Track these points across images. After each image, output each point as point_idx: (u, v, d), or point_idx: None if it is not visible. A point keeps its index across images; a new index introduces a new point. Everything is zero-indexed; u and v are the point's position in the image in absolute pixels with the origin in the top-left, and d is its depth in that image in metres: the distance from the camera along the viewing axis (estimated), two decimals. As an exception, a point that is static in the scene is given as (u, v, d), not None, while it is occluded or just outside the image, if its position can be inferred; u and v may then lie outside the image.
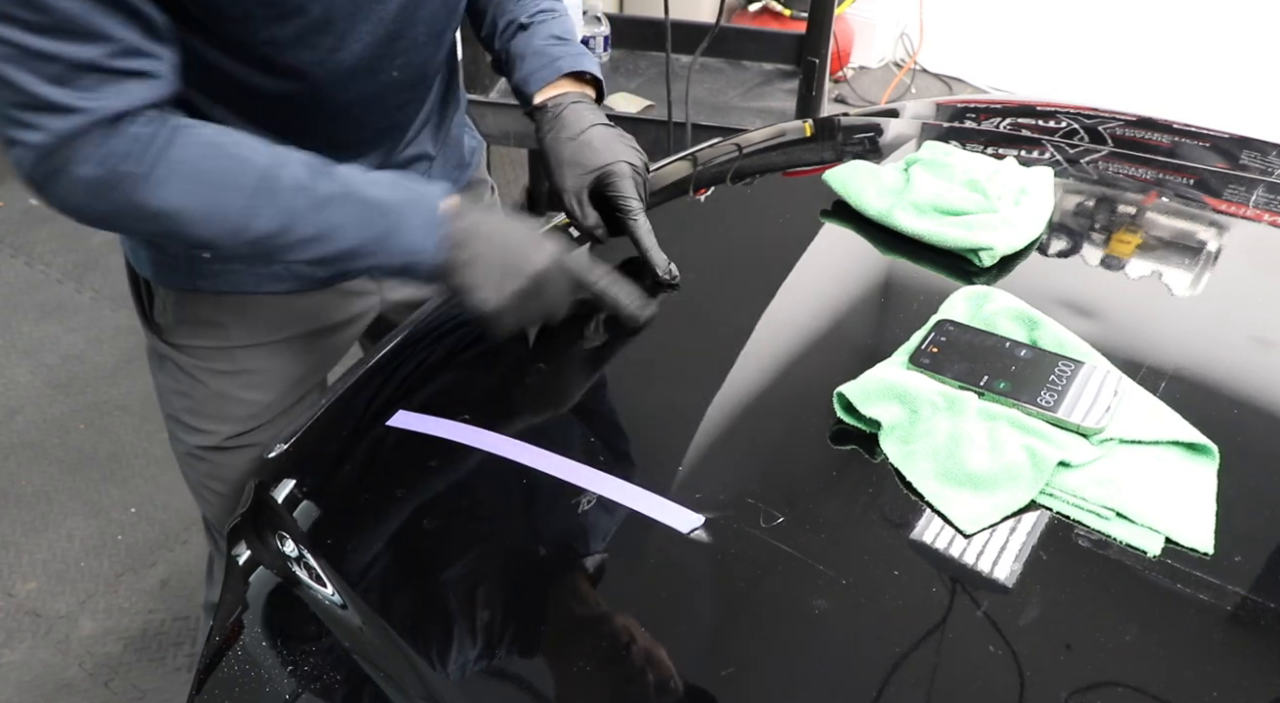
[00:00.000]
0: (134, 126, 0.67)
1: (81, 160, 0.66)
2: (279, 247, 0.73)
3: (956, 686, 0.53)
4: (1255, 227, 0.99)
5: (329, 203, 0.73)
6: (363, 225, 0.74)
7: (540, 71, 0.92)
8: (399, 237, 0.74)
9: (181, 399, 0.99)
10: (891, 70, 3.80)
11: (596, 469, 0.67)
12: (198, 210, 0.70)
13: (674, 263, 0.86)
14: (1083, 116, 1.22)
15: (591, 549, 0.64)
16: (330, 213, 0.73)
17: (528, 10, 0.96)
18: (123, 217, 0.71)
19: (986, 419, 0.68)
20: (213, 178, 0.70)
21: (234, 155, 0.71)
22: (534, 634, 0.59)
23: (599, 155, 0.87)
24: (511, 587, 0.62)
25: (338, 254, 0.74)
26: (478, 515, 0.68)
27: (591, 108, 0.91)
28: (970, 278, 0.87)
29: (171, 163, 0.68)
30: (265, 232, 0.72)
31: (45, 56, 0.63)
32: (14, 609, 1.71)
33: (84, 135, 0.65)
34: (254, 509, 0.70)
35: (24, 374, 2.23)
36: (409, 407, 0.75)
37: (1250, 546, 0.61)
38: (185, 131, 0.70)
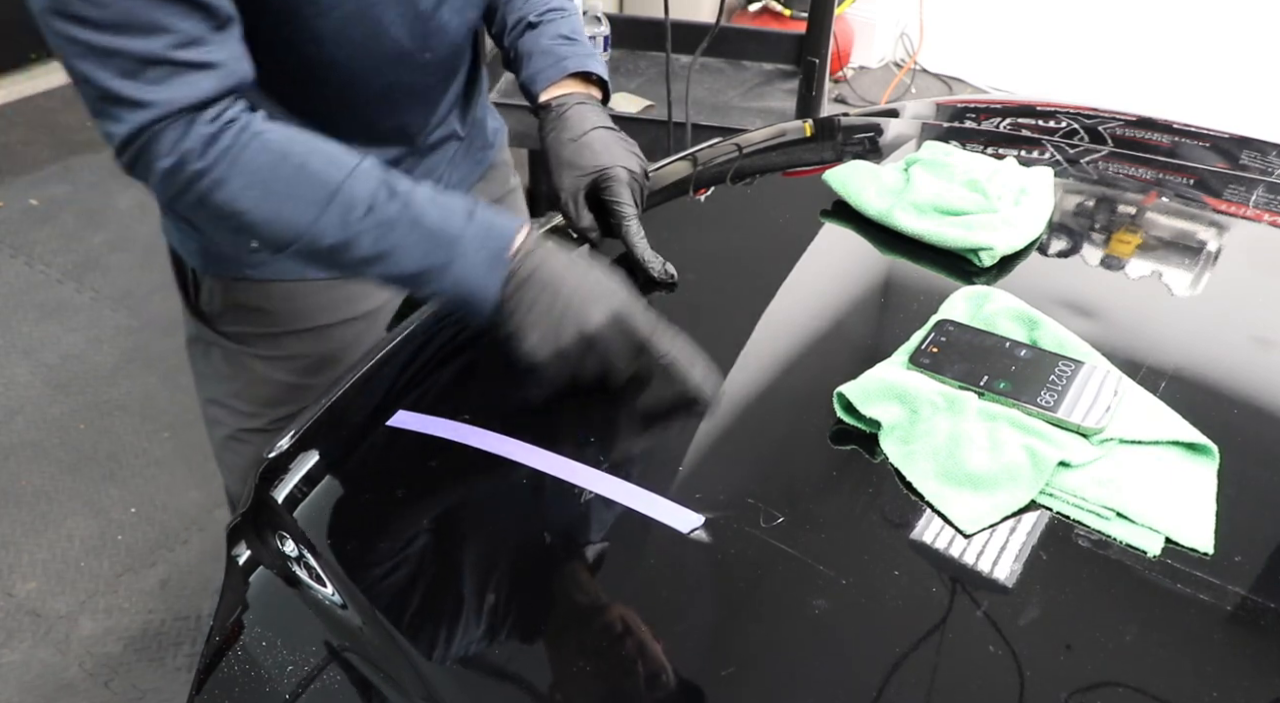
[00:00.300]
0: (207, 125, 0.69)
1: (159, 153, 0.69)
2: (341, 261, 0.74)
3: (956, 686, 0.53)
4: (1255, 227, 0.99)
5: (393, 226, 0.72)
6: (424, 253, 0.73)
7: (546, 71, 0.93)
8: (459, 269, 0.73)
9: (227, 384, 1.01)
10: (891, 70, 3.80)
11: (596, 469, 0.67)
12: (262, 215, 0.71)
13: (669, 263, 0.86)
14: (1083, 116, 1.22)
15: (592, 549, 0.64)
16: (391, 236, 0.72)
17: (537, 9, 0.97)
18: (202, 211, 0.72)
19: (986, 419, 0.68)
20: (279, 185, 0.71)
21: (303, 165, 0.72)
22: (534, 634, 0.59)
23: (598, 158, 0.87)
24: (512, 587, 0.61)
25: (396, 277, 0.75)
26: (478, 515, 0.68)
27: (595, 110, 0.92)
28: (970, 278, 0.87)
29: (238, 164, 0.70)
30: (328, 245, 0.72)
31: (112, 52, 0.66)
32: (14, 609, 1.71)
33: (160, 128, 0.68)
34: (254, 509, 0.70)
35: (24, 374, 2.23)
36: (409, 407, 0.75)
37: (1250, 546, 0.61)
38: (258, 134, 0.71)
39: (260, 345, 0.98)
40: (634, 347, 0.73)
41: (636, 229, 0.86)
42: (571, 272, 0.73)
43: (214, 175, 0.70)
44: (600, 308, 0.72)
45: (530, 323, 0.72)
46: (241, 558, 0.67)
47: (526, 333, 0.72)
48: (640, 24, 2.36)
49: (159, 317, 2.37)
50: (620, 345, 0.72)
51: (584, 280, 0.73)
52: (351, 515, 0.68)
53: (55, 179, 2.94)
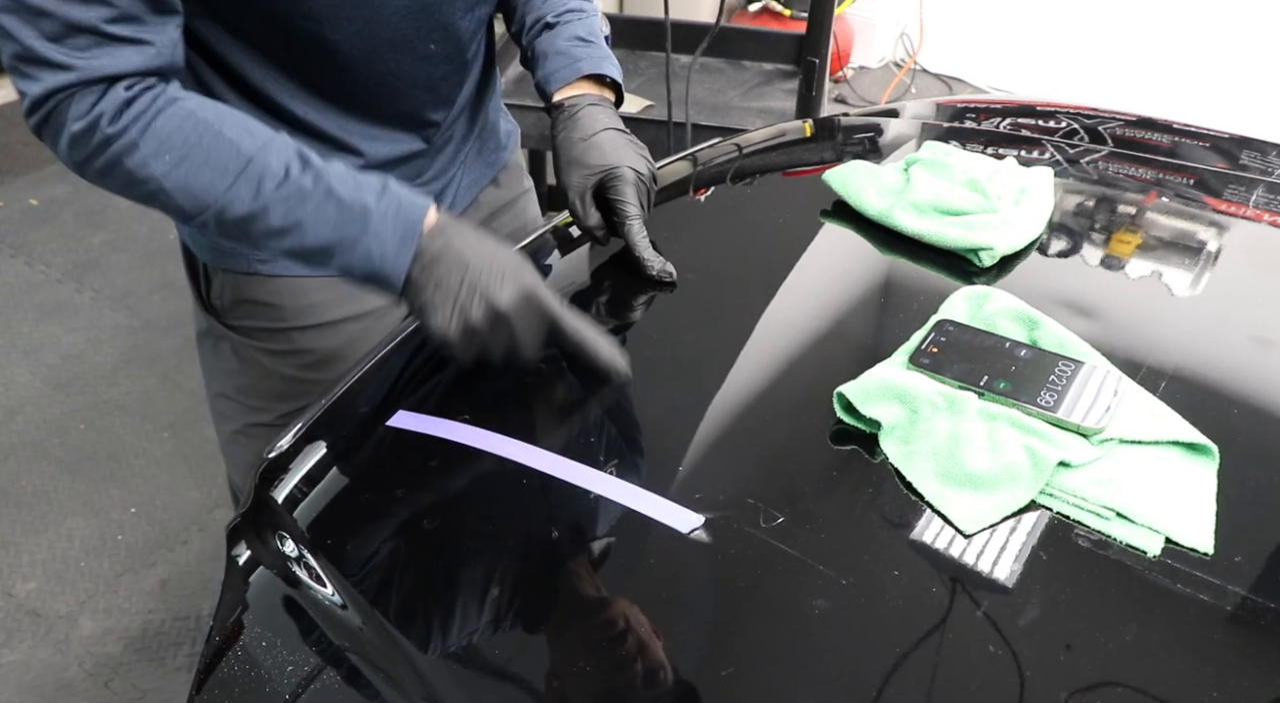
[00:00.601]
0: (123, 91, 0.69)
1: (72, 117, 0.69)
2: (253, 232, 0.74)
3: (956, 686, 0.53)
4: (1255, 227, 0.99)
5: (306, 198, 0.73)
6: (336, 226, 0.73)
7: (561, 71, 0.94)
8: (369, 244, 0.73)
9: (236, 379, 1.02)
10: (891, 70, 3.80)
11: (597, 469, 0.67)
12: (174, 182, 0.71)
13: (669, 263, 0.86)
14: (1083, 116, 1.22)
15: (592, 549, 0.64)
16: (305, 208, 0.73)
17: (555, 9, 0.98)
18: (111, 178, 0.73)
19: (986, 419, 0.68)
20: (192, 152, 0.71)
21: (220, 135, 0.72)
22: (534, 634, 0.59)
23: (606, 158, 0.88)
24: (511, 587, 0.61)
25: (307, 249, 0.74)
26: (477, 516, 0.68)
27: (607, 111, 0.92)
28: (970, 278, 0.87)
29: (152, 130, 0.70)
30: (239, 215, 0.72)
31: (43, 13, 0.66)
32: (14, 609, 1.71)
33: (74, 92, 0.68)
34: (254, 509, 0.70)
35: (24, 374, 2.23)
36: (409, 407, 0.75)
37: (1250, 546, 0.61)
38: (176, 104, 0.71)
39: (269, 340, 0.99)
40: (543, 324, 0.75)
41: (639, 229, 0.86)
42: (481, 250, 0.75)
43: (125, 139, 0.70)
44: (510, 285, 0.73)
45: (440, 299, 0.73)
46: (241, 558, 0.67)
47: (436, 309, 0.73)
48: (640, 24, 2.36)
49: (159, 317, 2.37)
50: (530, 322, 0.74)
51: (494, 258, 0.74)
52: (351, 515, 0.68)
53: (55, 179, 2.94)
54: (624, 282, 0.88)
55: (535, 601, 0.61)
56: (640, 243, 0.86)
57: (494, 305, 0.72)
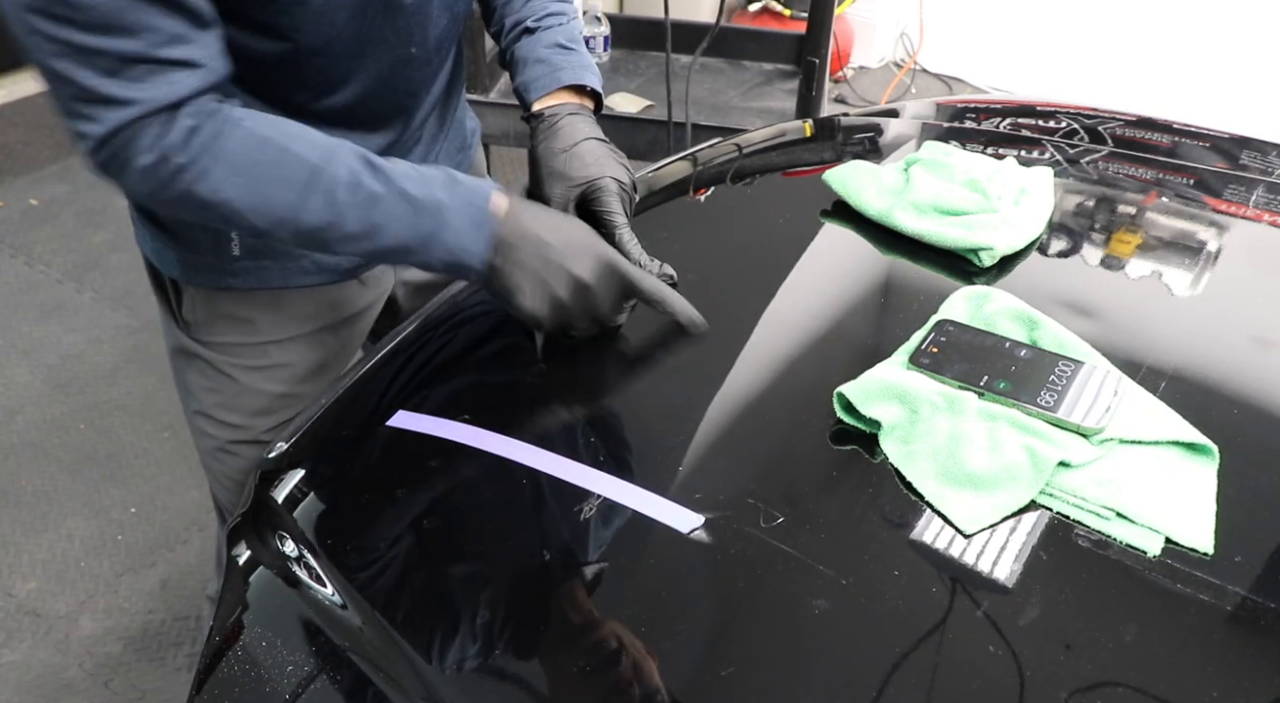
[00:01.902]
0: (187, 118, 0.69)
1: (139, 151, 0.69)
2: (329, 240, 0.75)
3: (956, 686, 0.53)
4: (1255, 227, 0.99)
5: (376, 200, 0.74)
6: (409, 224, 0.75)
7: (540, 80, 0.93)
8: (445, 236, 0.75)
9: (213, 395, 1.00)
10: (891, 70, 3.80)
11: (596, 469, 0.67)
12: (247, 202, 0.72)
13: (666, 264, 0.85)
14: (1083, 116, 1.22)
15: (592, 549, 0.64)
16: (377, 210, 0.74)
17: (536, 13, 0.97)
18: (183, 205, 0.73)
19: (986, 419, 0.68)
20: (262, 171, 0.72)
21: (285, 149, 0.72)
22: (534, 634, 0.59)
23: (587, 169, 0.87)
24: (512, 587, 0.61)
25: (385, 250, 0.76)
26: (477, 515, 0.68)
27: (587, 121, 0.91)
28: (970, 278, 0.87)
29: (221, 155, 0.70)
30: (315, 225, 0.73)
31: (94, 51, 0.66)
32: (14, 609, 1.71)
33: (140, 126, 0.68)
34: (254, 509, 0.71)
35: (24, 374, 2.23)
36: (409, 407, 0.75)
37: (1250, 546, 0.61)
38: (237, 124, 0.71)
39: (246, 355, 0.97)
40: (622, 288, 0.78)
41: (629, 237, 0.85)
42: (554, 227, 0.78)
43: (198, 168, 0.70)
44: (587, 256, 0.76)
45: (524, 281, 0.76)
46: (241, 558, 0.68)
47: (523, 291, 0.76)
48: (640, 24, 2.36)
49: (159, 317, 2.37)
50: (610, 289, 0.77)
51: (569, 234, 0.78)
52: (351, 516, 0.68)
53: (55, 179, 2.94)
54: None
55: (534, 600, 0.61)
56: (633, 250, 0.85)
57: (577, 279, 0.75)
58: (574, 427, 0.74)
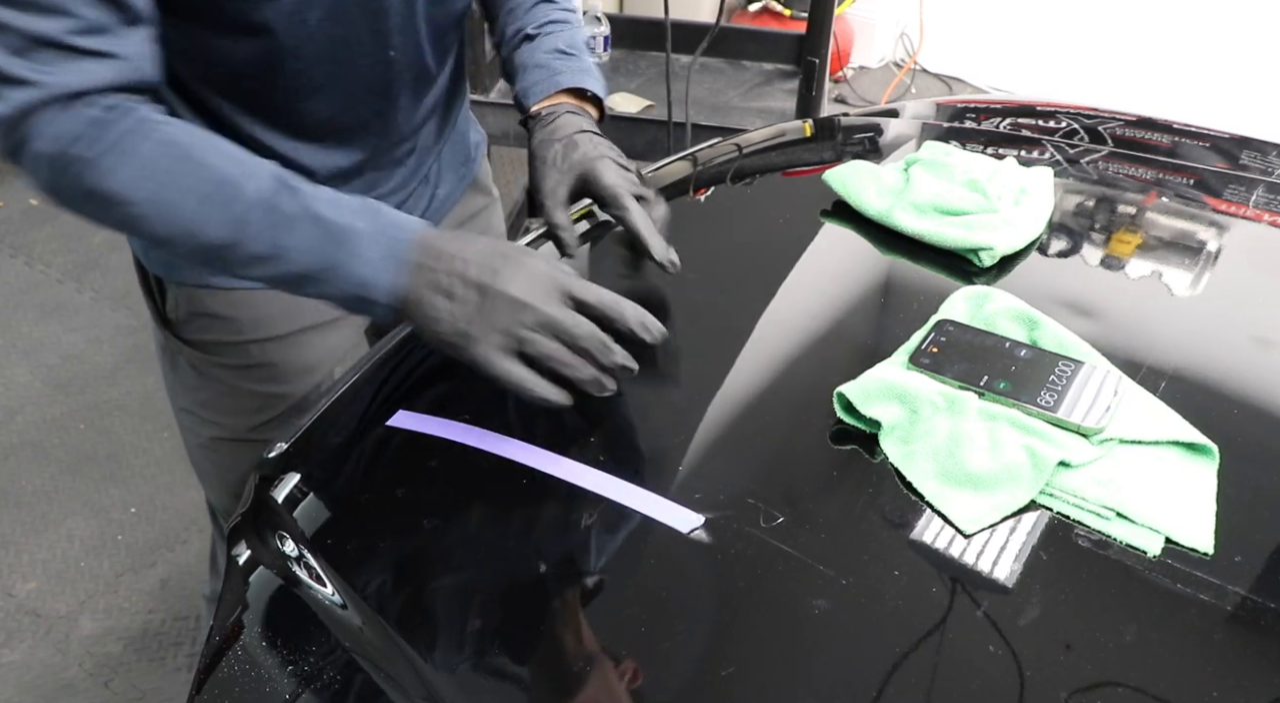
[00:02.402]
0: (91, 109, 0.66)
1: (37, 136, 0.65)
2: (231, 260, 0.69)
3: (956, 686, 0.53)
4: (1255, 227, 0.99)
5: (286, 221, 0.68)
6: (316, 250, 0.68)
7: (540, 84, 0.92)
8: (353, 266, 0.68)
9: (196, 393, 0.99)
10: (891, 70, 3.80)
11: (597, 469, 0.67)
12: (147, 205, 0.67)
13: (673, 250, 0.82)
14: (1083, 116, 1.22)
15: (592, 549, 0.64)
16: (284, 232, 0.68)
17: (536, 20, 0.95)
18: (82, 201, 0.69)
19: (986, 419, 0.68)
20: (165, 176, 0.67)
21: (193, 157, 0.68)
22: (534, 634, 0.59)
23: (583, 155, 0.84)
24: (512, 587, 0.62)
25: (289, 277, 0.70)
26: (477, 515, 0.68)
27: (585, 118, 0.89)
28: (970, 278, 0.87)
29: (125, 152, 0.66)
30: (217, 241, 0.68)
31: (4, 27, 0.63)
32: (14, 609, 1.71)
33: (40, 111, 0.65)
34: (254, 509, 0.70)
35: (24, 374, 2.23)
36: (409, 407, 0.75)
37: (1250, 546, 0.61)
38: (148, 124, 0.68)
39: (227, 354, 0.96)
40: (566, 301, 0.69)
41: (638, 211, 0.81)
42: (475, 249, 0.69)
43: (103, 165, 0.66)
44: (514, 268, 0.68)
45: (437, 303, 0.68)
46: (241, 558, 0.67)
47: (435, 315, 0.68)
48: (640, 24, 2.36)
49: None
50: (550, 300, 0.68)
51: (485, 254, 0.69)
52: (351, 515, 0.68)
53: (55, 179, 2.94)
54: (622, 283, 0.88)
55: (534, 600, 0.61)
56: (642, 226, 0.81)
57: (501, 295, 0.67)
58: (574, 427, 0.74)
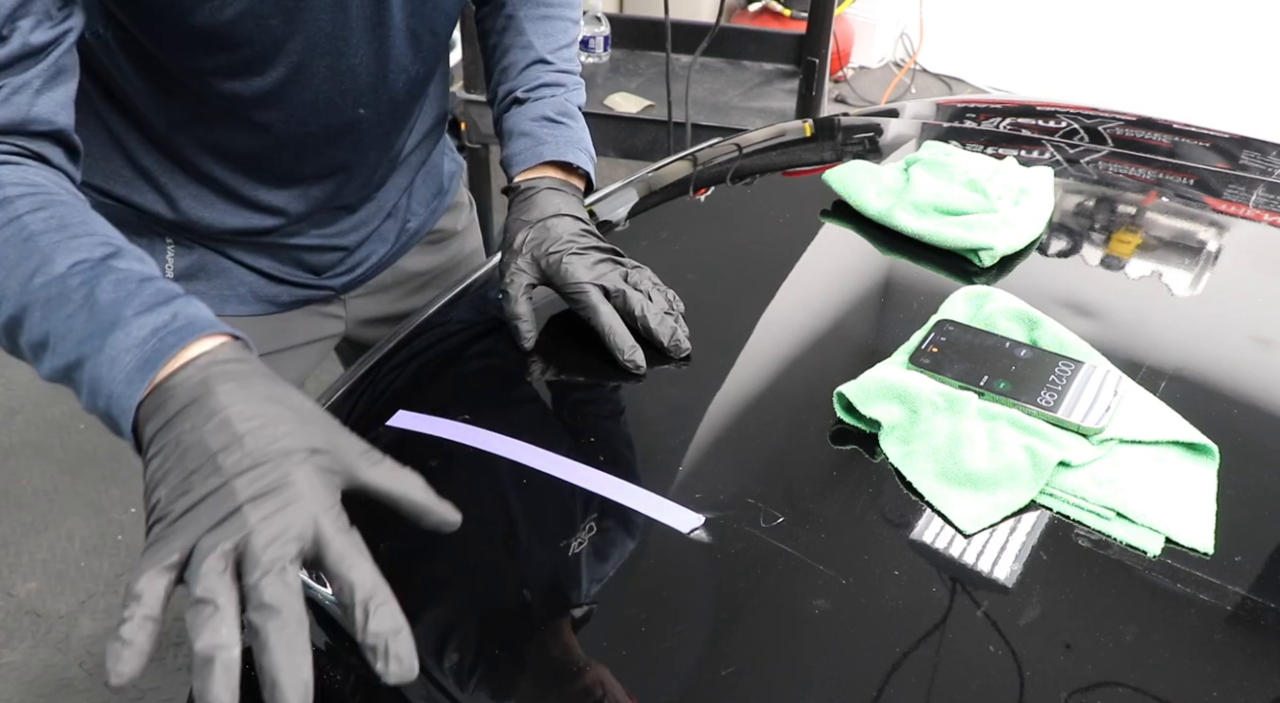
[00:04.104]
0: None
1: None
2: (19, 347, 0.57)
3: (956, 686, 0.53)
4: (1255, 227, 0.99)
5: (63, 301, 0.54)
6: (79, 341, 0.53)
7: (521, 154, 0.87)
8: (95, 366, 0.52)
9: None
10: (891, 70, 3.80)
11: (597, 469, 0.67)
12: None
13: (638, 351, 0.76)
14: (1083, 116, 1.22)
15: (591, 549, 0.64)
16: (60, 312, 0.54)
17: (528, 82, 0.91)
18: None
19: (986, 419, 0.68)
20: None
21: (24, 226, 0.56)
22: (534, 634, 0.59)
23: (550, 246, 0.79)
24: (511, 587, 0.61)
25: (61, 368, 0.54)
26: (477, 515, 0.68)
27: (565, 197, 0.84)
28: (970, 278, 0.87)
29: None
30: (5, 318, 0.56)
31: None
32: (14, 609, 1.71)
33: None
34: (254, 509, 0.70)
35: (24, 374, 2.23)
36: (409, 407, 0.75)
37: (1250, 546, 0.61)
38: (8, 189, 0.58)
39: None
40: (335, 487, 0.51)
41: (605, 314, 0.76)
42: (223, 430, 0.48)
43: None
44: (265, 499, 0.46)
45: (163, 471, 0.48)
46: (241, 558, 0.67)
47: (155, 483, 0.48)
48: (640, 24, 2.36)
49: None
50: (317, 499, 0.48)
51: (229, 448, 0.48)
52: (351, 515, 0.68)
53: (55, 179, 2.94)
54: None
55: (535, 600, 0.61)
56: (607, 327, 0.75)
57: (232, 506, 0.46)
58: (575, 426, 0.74)
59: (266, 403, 0.51)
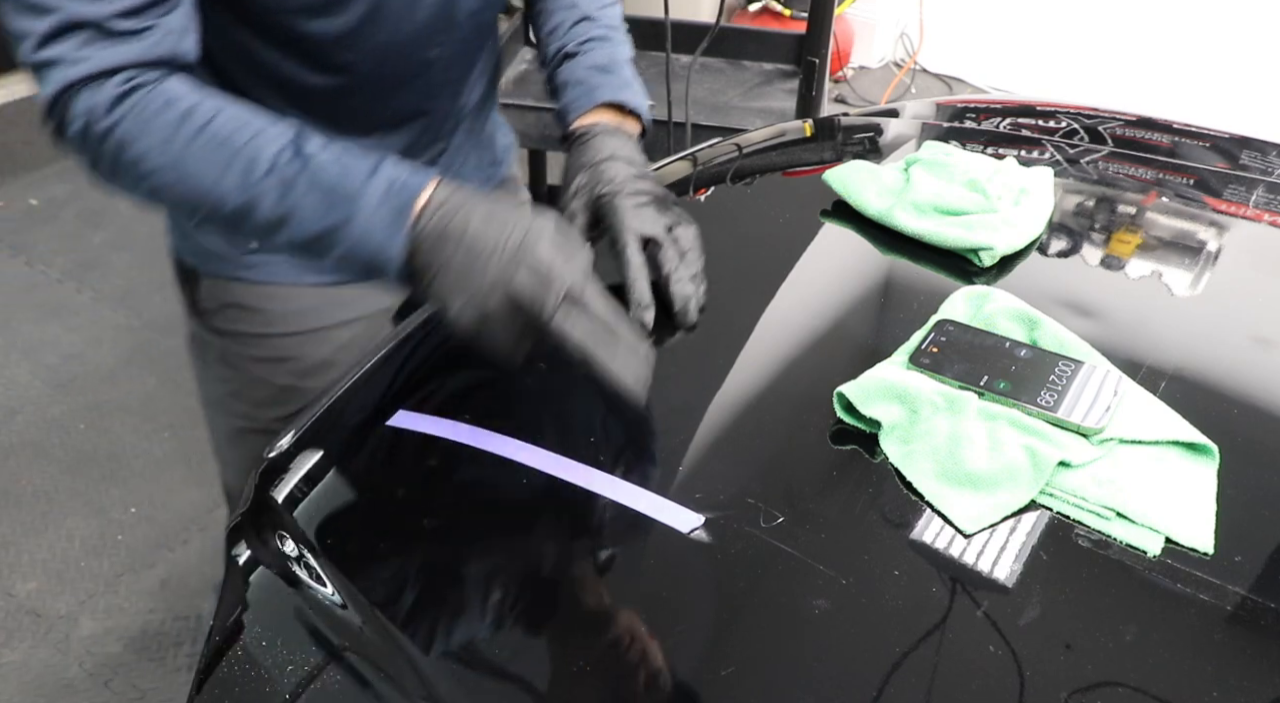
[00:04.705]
0: (117, 86, 0.67)
1: (75, 115, 0.68)
2: (248, 228, 0.70)
3: (956, 686, 0.53)
4: (1255, 227, 0.99)
5: (292, 185, 0.67)
6: (323, 212, 0.67)
7: (576, 102, 0.92)
8: (358, 228, 0.67)
9: (223, 384, 1.01)
10: (891, 70, 3.80)
11: (597, 469, 0.67)
12: (171, 178, 0.68)
13: (649, 311, 0.78)
14: (1083, 116, 1.22)
15: (592, 549, 0.64)
16: (292, 195, 0.67)
17: (577, 38, 0.96)
18: (114, 174, 0.71)
19: (986, 419, 0.68)
20: (185, 147, 0.68)
21: (213, 128, 0.68)
22: (534, 634, 0.59)
23: (603, 188, 0.83)
24: (511, 587, 0.61)
25: (302, 243, 0.69)
26: (478, 515, 0.68)
27: (619, 139, 0.88)
28: (970, 278, 0.87)
29: (147, 125, 0.68)
30: (233, 208, 0.69)
31: (45, 9, 0.65)
32: (14, 609, 1.71)
33: (78, 89, 0.67)
34: (254, 509, 0.70)
35: (24, 374, 2.23)
36: (409, 407, 0.75)
37: (1250, 546, 0.61)
38: (171, 95, 0.69)
39: (254, 346, 0.98)
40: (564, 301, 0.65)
41: (633, 266, 0.79)
42: (491, 224, 0.65)
43: (119, 135, 0.67)
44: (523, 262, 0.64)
45: (447, 287, 0.65)
46: (241, 558, 0.67)
47: (445, 298, 0.66)
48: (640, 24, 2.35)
49: (159, 317, 2.37)
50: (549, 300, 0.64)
51: (502, 230, 0.65)
52: (351, 516, 0.68)
53: (55, 179, 2.94)
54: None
55: (535, 600, 0.61)
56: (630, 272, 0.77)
57: (507, 287, 0.64)
58: (575, 426, 0.74)
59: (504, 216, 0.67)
